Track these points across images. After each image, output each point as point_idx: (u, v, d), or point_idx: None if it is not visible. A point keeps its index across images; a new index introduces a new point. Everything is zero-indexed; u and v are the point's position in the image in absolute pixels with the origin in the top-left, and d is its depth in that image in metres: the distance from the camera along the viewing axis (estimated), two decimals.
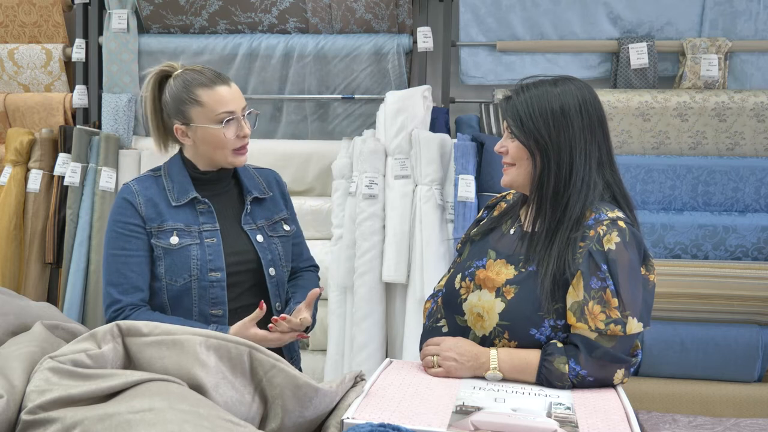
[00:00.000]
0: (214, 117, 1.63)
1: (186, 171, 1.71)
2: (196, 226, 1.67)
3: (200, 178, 1.72)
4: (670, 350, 2.66)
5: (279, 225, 1.80)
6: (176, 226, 1.66)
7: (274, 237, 1.77)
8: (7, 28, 3.26)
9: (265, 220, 1.78)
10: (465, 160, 2.68)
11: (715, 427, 2.39)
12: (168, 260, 1.65)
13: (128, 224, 1.65)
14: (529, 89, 1.46)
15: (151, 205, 1.67)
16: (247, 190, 1.76)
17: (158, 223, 1.66)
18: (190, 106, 1.65)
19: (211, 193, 1.73)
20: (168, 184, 1.70)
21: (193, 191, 1.69)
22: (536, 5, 2.98)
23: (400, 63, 3.03)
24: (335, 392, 1.15)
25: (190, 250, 1.65)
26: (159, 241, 1.65)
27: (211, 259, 1.66)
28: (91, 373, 0.95)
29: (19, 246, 3.06)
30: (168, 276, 1.65)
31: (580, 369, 1.33)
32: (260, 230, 1.75)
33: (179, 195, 1.69)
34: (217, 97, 1.64)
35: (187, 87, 1.65)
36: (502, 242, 1.51)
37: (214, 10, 3.09)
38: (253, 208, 1.77)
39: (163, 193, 1.69)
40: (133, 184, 1.70)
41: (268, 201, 1.80)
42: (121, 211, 1.67)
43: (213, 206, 1.71)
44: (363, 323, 2.62)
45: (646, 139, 2.83)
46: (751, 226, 2.69)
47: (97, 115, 3.20)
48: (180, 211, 1.68)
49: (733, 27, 2.92)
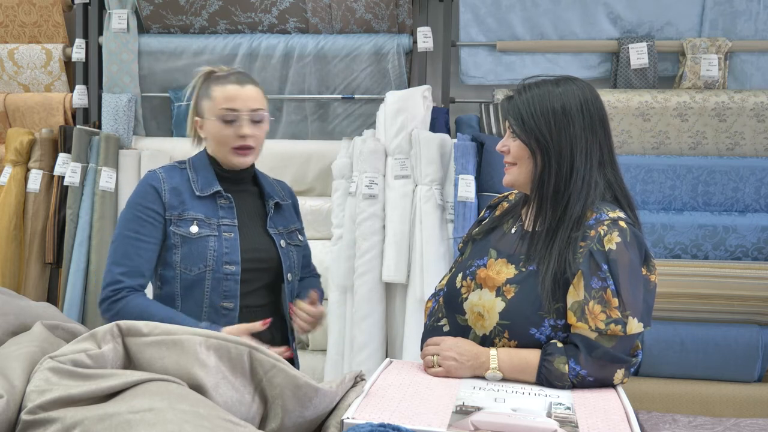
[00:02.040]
0: (217, 111, 1.67)
1: (211, 166, 1.75)
2: (216, 219, 1.70)
3: (223, 174, 1.75)
4: (670, 350, 2.67)
5: (294, 235, 1.84)
6: (197, 216, 1.68)
7: (291, 245, 1.81)
8: (7, 28, 3.26)
9: (284, 228, 1.82)
10: (465, 160, 2.68)
11: (715, 427, 2.39)
12: (185, 248, 1.66)
13: (148, 209, 1.67)
14: (530, 89, 1.46)
15: (175, 193, 1.69)
16: (268, 195, 1.80)
17: (180, 211, 1.68)
18: (203, 99, 1.71)
19: (234, 190, 1.76)
20: (192, 175, 1.73)
21: (217, 185, 1.72)
22: (536, 5, 2.98)
23: (400, 63, 3.03)
24: (335, 392, 1.15)
25: (208, 241, 1.67)
26: (178, 228, 1.67)
27: (228, 252, 1.67)
28: (91, 373, 0.95)
29: (19, 246, 3.06)
30: (183, 264, 1.67)
31: (580, 369, 1.33)
32: (281, 236, 1.79)
33: (203, 186, 1.71)
34: (225, 93, 1.68)
35: (209, 83, 1.72)
36: (503, 242, 1.51)
37: (214, 10, 3.09)
38: (274, 213, 1.80)
39: (188, 183, 1.72)
40: (160, 172, 1.73)
41: (285, 209, 1.85)
42: (144, 195, 1.68)
43: (234, 201, 1.74)
44: (363, 323, 2.62)
45: (646, 139, 2.83)
46: (751, 226, 2.69)
47: (97, 115, 3.20)
48: (202, 203, 1.70)
49: (733, 27, 2.92)
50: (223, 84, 1.69)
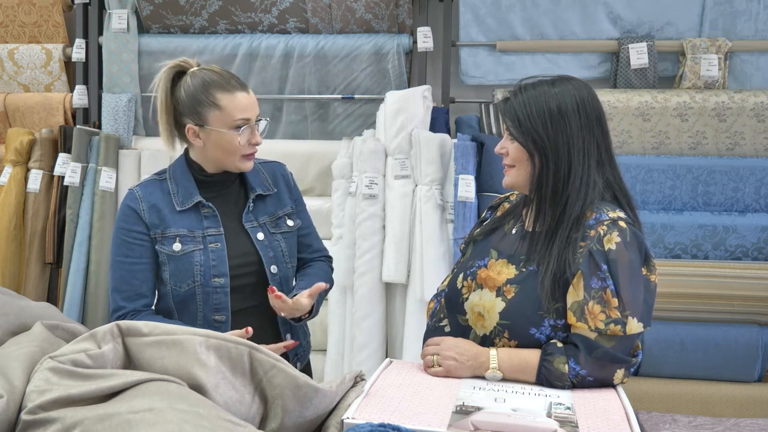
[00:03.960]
0: (231, 122, 1.62)
1: (190, 174, 1.70)
2: (200, 231, 1.67)
3: (205, 180, 1.71)
4: (670, 350, 2.66)
5: (282, 221, 1.79)
6: (179, 232, 1.66)
7: (276, 233, 1.76)
8: (7, 28, 3.26)
9: (268, 217, 1.76)
10: (465, 160, 2.68)
11: (715, 427, 2.39)
12: (172, 266, 1.65)
13: (132, 232, 1.65)
14: (527, 90, 1.46)
15: (154, 211, 1.66)
16: (250, 188, 1.75)
17: (162, 229, 1.65)
18: (207, 108, 1.62)
19: (216, 194, 1.72)
20: (173, 188, 1.69)
21: (198, 195, 1.68)
22: (536, 5, 2.98)
23: (400, 63, 3.03)
24: (335, 392, 1.15)
25: (193, 257, 1.65)
26: (163, 247, 1.65)
27: (215, 264, 1.65)
28: (91, 373, 0.95)
29: (19, 246, 3.06)
30: (173, 281, 1.66)
31: (579, 369, 1.33)
32: (262, 227, 1.74)
33: (184, 199, 1.68)
34: (237, 102, 1.62)
35: (206, 88, 1.62)
36: (503, 242, 1.52)
37: (214, 10, 3.09)
38: (257, 205, 1.76)
39: (168, 197, 1.68)
40: (137, 191, 1.69)
41: (272, 197, 1.79)
42: (125, 218, 1.67)
43: (217, 208, 1.70)
44: (363, 323, 2.62)
45: (646, 139, 2.83)
46: (751, 226, 2.69)
47: (97, 115, 3.20)
48: (184, 216, 1.67)
49: (733, 27, 2.92)
50: (229, 91, 1.62)
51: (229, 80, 1.65)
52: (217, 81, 1.63)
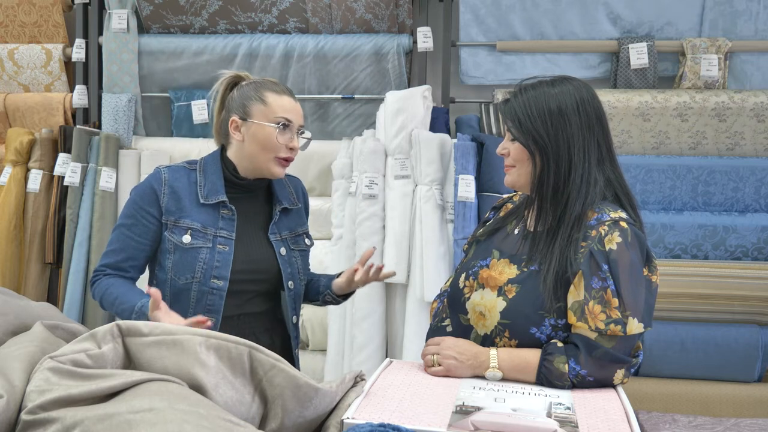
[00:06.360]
0: (273, 117, 1.66)
1: (221, 171, 1.71)
2: (213, 230, 1.67)
3: (234, 181, 1.71)
4: (670, 350, 2.67)
5: (301, 239, 1.81)
6: (193, 225, 1.66)
7: (295, 250, 1.78)
8: (7, 28, 3.26)
9: (289, 232, 1.78)
10: (465, 160, 2.68)
11: (715, 427, 2.39)
12: (176, 256, 1.65)
13: (143, 209, 1.66)
14: (527, 90, 1.46)
15: (174, 197, 1.66)
16: (276, 199, 1.76)
17: (176, 217, 1.66)
18: (254, 102, 1.68)
19: (241, 197, 1.72)
20: (201, 179, 1.70)
21: (223, 194, 1.69)
22: (536, 5, 2.98)
23: (400, 63, 3.03)
24: (335, 392, 1.15)
25: (200, 252, 1.65)
26: (172, 235, 1.65)
27: (218, 266, 1.65)
28: (91, 373, 0.95)
29: (19, 246, 3.06)
30: (173, 271, 1.66)
31: (580, 369, 1.33)
32: (284, 242, 1.75)
33: (209, 194, 1.68)
34: (282, 102, 1.68)
35: (257, 88, 1.70)
36: (506, 242, 1.52)
37: (214, 10, 3.09)
38: (281, 218, 1.77)
39: (193, 187, 1.69)
40: (164, 172, 1.70)
41: (294, 212, 1.81)
42: (143, 195, 1.67)
43: (238, 212, 1.70)
44: (363, 323, 2.62)
45: (646, 139, 2.83)
46: (751, 226, 2.69)
47: (97, 115, 3.20)
48: (202, 211, 1.67)
49: (733, 27, 2.92)
50: (278, 93, 1.68)
51: (281, 86, 1.72)
52: (270, 86, 1.70)
